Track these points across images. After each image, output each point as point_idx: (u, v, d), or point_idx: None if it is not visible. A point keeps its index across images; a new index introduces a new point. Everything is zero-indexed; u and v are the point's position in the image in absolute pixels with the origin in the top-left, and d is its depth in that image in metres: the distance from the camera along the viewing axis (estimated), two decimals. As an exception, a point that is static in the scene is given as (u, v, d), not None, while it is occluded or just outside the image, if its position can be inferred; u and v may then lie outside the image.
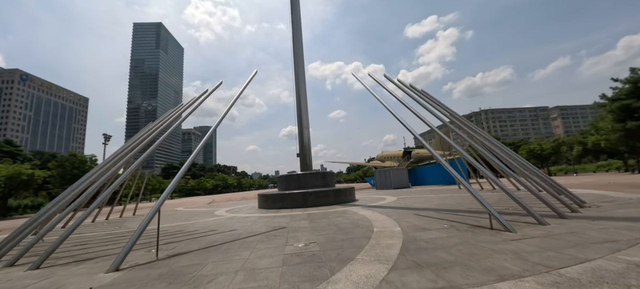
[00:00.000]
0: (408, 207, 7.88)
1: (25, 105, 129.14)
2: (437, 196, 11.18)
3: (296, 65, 13.98)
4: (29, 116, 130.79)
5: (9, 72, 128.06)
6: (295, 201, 10.23)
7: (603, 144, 31.53)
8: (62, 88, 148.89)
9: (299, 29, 14.31)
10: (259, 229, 5.70)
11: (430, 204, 8.29)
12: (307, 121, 13.60)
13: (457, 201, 8.67)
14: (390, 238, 4.08)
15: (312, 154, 13.65)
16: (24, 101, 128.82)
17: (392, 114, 7.87)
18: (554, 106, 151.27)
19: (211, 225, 7.05)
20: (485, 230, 4.18)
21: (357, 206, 9.09)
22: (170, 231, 6.55)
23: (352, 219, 6.16)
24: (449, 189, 15.35)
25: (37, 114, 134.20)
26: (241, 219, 7.96)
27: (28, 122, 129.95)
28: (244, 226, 6.43)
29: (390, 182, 27.69)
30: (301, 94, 13.64)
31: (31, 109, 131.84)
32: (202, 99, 8.31)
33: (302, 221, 6.47)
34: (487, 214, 5.10)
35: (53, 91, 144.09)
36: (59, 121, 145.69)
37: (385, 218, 6.03)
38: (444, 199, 9.81)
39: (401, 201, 10.36)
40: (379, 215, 6.62)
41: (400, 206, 8.57)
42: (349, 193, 11.36)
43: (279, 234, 5.00)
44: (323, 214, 7.44)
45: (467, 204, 7.76)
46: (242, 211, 10.45)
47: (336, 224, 5.63)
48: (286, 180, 12.18)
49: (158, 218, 4.42)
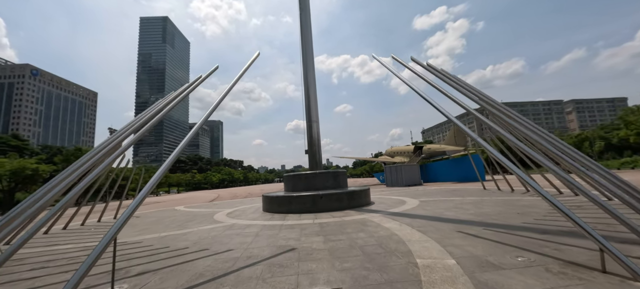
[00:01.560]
0: (441, 218, 6.52)
1: (36, 99, 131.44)
2: (465, 200, 9.77)
3: (304, 52, 12.59)
4: (41, 111, 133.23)
5: (20, 67, 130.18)
6: (303, 205, 8.99)
7: (632, 139, 29.25)
8: (71, 83, 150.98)
9: (307, 9, 12.88)
10: (261, 252, 4.45)
11: (467, 213, 6.90)
12: (317, 114, 12.25)
13: (498, 209, 7.25)
14: (450, 284, 2.76)
15: (322, 150, 12.34)
16: (35, 96, 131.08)
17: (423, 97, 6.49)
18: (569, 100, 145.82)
19: (205, 239, 5.86)
20: (593, 273, 2.82)
21: (376, 213, 7.78)
22: (153, 247, 5.38)
23: (378, 238, 4.85)
24: (472, 190, 13.86)
25: (48, 109, 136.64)
26: (242, 229, 6.75)
27: (40, 117, 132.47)
28: (243, 243, 5.20)
29: (401, 178, 26.27)
30: (310, 84, 12.27)
31: (42, 104, 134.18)
32: (196, 84, 7.13)
33: (314, 237, 5.21)
34: (567, 237, 3.72)
35: (63, 85, 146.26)
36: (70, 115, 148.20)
37: (421, 236, 4.70)
38: (477, 205, 8.40)
39: (426, 205, 8.99)
40: (410, 230, 5.29)
41: (429, 214, 7.21)
42: (364, 196, 10.04)
43: (287, 264, 3.74)
44: (339, 227, 6.16)
45: (513, 214, 6.35)
46: (245, 215, 9.27)
47: (360, 247, 4.33)
48: (293, 180, 10.92)
49: (114, 244, 3.19)
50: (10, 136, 43.84)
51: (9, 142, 40.97)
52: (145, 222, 9.64)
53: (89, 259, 2.89)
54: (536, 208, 7.06)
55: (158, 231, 7.27)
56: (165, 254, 4.76)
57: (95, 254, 2.90)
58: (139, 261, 4.38)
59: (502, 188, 13.16)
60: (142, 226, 8.66)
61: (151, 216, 11.42)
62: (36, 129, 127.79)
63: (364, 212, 8.05)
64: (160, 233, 6.95)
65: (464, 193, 12.51)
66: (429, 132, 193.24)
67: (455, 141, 34.96)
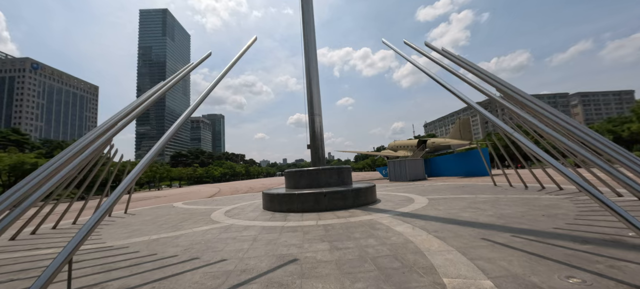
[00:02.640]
0: (458, 220, 5.92)
1: (37, 93, 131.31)
2: (478, 198, 9.15)
3: (306, 41, 11.85)
4: (42, 105, 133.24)
5: (20, 61, 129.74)
6: (306, 204, 8.43)
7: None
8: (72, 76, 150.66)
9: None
10: (258, 264, 3.88)
11: (485, 215, 6.29)
12: (320, 107, 11.59)
13: (519, 209, 6.63)
14: (496, 318, 2.17)
15: (325, 144, 11.72)
16: (36, 90, 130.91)
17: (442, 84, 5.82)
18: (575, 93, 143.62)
19: (197, 244, 5.31)
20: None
21: (384, 213, 7.19)
22: (138, 255, 4.83)
23: (392, 246, 4.26)
24: (482, 186, 13.23)
25: (50, 103, 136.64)
26: (239, 231, 6.20)
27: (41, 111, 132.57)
28: (238, 251, 4.64)
29: (405, 173, 25.66)
30: (312, 76, 11.58)
31: (44, 98, 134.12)
32: (188, 71, 6.55)
33: (318, 244, 4.63)
34: (616, 248, 3.11)
35: (64, 79, 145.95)
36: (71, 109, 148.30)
37: (441, 245, 4.11)
38: (494, 204, 7.78)
39: (436, 204, 8.39)
40: (426, 236, 4.70)
41: (442, 215, 6.61)
42: (370, 193, 9.45)
43: (287, 282, 3.16)
44: (345, 230, 5.58)
45: (539, 217, 5.73)
46: (244, 214, 8.74)
47: (373, 259, 3.75)
48: (295, 176, 10.35)
49: (70, 265, 2.64)
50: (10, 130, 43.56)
51: (9, 137, 40.68)
52: (140, 220, 9.15)
53: (46, 272, 2.33)
54: (560, 209, 6.44)
55: (149, 233, 6.74)
56: (150, 264, 4.21)
57: (46, 277, 2.33)
58: (119, 274, 3.83)
59: (513, 184, 12.51)
60: (135, 225, 8.15)
61: (147, 214, 10.93)
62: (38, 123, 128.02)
63: (370, 212, 7.47)
64: (151, 236, 6.41)
65: (475, 190, 11.88)
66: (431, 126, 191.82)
67: (461, 135, 34.18)
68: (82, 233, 2.72)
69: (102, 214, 3.06)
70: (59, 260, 2.48)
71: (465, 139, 33.46)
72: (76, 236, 2.70)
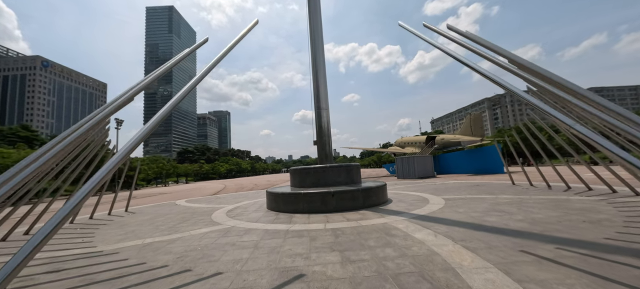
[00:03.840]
0: (485, 226, 5.24)
1: (48, 91, 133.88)
2: (499, 198, 8.41)
3: (313, 32, 11.19)
4: (53, 102, 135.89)
5: (31, 58, 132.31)
6: (312, 204, 7.85)
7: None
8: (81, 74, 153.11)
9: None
10: (258, 281, 3.31)
11: (514, 220, 5.59)
12: (327, 101, 10.95)
13: (552, 213, 5.90)
14: None
15: (332, 141, 11.09)
16: (47, 87, 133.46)
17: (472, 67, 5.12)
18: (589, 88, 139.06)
19: (192, 251, 4.78)
20: None
21: (398, 216, 6.55)
22: (126, 263, 4.32)
23: (414, 259, 3.64)
24: (499, 185, 12.42)
25: (60, 100, 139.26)
26: (239, 235, 5.65)
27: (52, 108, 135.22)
28: (237, 261, 4.08)
29: (414, 170, 24.90)
30: (319, 67, 10.92)
31: (54, 95, 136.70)
32: (182, 57, 6.05)
33: (328, 254, 4.04)
34: None
35: (73, 76, 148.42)
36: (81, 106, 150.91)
37: (474, 259, 3.46)
38: (521, 206, 7.05)
39: (455, 205, 7.69)
40: (453, 246, 4.05)
41: (465, 219, 5.93)
42: (381, 193, 8.81)
43: (293, 308, 2.57)
44: (357, 236, 4.97)
45: (579, 223, 5.01)
46: (246, 214, 8.21)
47: (394, 276, 3.13)
48: (301, 174, 9.77)
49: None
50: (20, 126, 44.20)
51: (19, 133, 41.26)
52: (138, 220, 8.73)
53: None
54: (601, 214, 5.69)
55: (144, 236, 6.26)
56: (137, 276, 3.68)
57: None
58: (101, 287, 3.32)
59: (537, 183, 11.68)
60: (132, 226, 7.71)
61: (147, 213, 10.53)
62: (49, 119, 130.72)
63: (383, 214, 6.84)
64: (145, 239, 5.93)
65: (492, 189, 11.11)
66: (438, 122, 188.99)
67: (472, 131, 33.11)
68: (32, 243, 2.18)
69: (60, 220, 2.52)
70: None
71: (476, 136, 32.39)
72: (24, 248, 2.16)
